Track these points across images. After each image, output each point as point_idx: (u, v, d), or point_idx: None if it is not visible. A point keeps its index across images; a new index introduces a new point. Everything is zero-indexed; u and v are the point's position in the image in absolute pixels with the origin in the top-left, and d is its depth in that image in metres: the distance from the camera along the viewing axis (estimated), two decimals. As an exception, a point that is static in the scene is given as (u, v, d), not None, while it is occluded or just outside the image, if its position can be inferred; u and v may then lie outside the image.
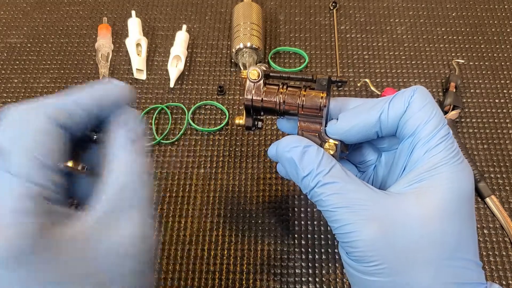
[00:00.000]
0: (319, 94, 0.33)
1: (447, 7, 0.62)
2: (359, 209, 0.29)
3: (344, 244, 0.30)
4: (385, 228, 0.28)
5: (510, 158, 0.49)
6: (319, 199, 0.30)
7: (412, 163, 0.30)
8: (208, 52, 0.58)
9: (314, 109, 0.33)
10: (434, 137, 0.29)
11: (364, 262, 0.28)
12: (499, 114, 0.52)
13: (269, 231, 0.45)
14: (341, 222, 0.29)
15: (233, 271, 0.43)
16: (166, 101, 0.54)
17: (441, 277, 0.28)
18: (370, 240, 0.28)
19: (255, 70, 0.34)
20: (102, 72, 0.55)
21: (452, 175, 0.29)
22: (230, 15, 0.61)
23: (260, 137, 0.51)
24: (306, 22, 0.61)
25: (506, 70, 0.56)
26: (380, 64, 0.57)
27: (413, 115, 0.30)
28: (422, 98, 0.30)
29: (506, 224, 0.45)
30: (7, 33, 0.60)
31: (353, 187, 0.29)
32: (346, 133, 0.32)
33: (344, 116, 0.33)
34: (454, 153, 0.29)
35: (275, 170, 0.49)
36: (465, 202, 0.29)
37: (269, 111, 0.35)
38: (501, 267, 0.43)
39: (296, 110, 0.33)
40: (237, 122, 0.36)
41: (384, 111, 0.31)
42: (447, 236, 0.28)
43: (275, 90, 0.34)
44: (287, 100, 0.34)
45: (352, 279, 0.31)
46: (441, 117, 0.30)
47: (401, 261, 0.28)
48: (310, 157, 0.31)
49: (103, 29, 0.58)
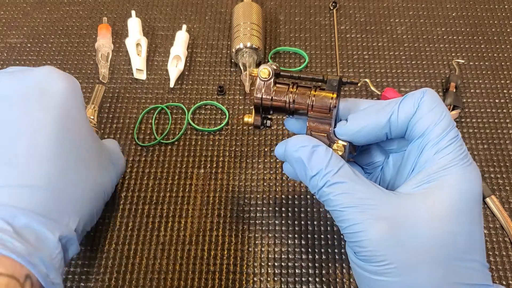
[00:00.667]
0: (329, 95, 0.33)
1: (447, 7, 0.62)
2: (368, 208, 0.29)
3: (352, 243, 0.30)
4: (394, 227, 0.28)
5: (510, 158, 0.49)
6: (327, 198, 0.30)
7: (421, 164, 0.30)
8: (208, 52, 0.58)
9: (324, 110, 0.33)
10: (444, 138, 0.29)
11: (372, 261, 0.28)
12: (499, 114, 0.52)
13: (269, 231, 0.45)
14: (350, 222, 0.29)
15: (233, 271, 0.43)
16: (166, 101, 0.54)
17: (450, 278, 0.28)
18: (379, 239, 0.28)
19: (266, 69, 0.34)
20: (102, 72, 0.55)
21: (461, 176, 0.29)
22: (230, 15, 0.61)
23: (260, 137, 0.51)
24: (306, 22, 0.61)
25: (506, 70, 0.56)
26: (380, 64, 0.57)
27: (423, 117, 0.30)
28: (431, 100, 0.30)
29: (506, 224, 0.45)
30: (7, 33, 0.60)
31: (361, 187, 0.29)
32: (356, 134, 0.32)
33: (353, 117, 0.33)
34: (463, 155, 0.30)
35: (275, 170, 0.49)
36: (474, 204, 0.29)
37: (278, 110, 0.35)
38: (501, 267, 0.43)
39: (306, 110, 0.33)
40: (245, 121, 0.36)
41: (394, 112, 0.31)
42: (456, 237, 0.28)
43: (285, 89, 0.34)
44: (297, 100, 0.33)
45: (359, 279, 0.31)
46: (451, 119, 0.30)
47: (410, 261, 0.28)
48: (319, 156, 0.31)
49: (103, 29, 0.58)
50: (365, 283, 0.30)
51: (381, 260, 0.28)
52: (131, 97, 0.54)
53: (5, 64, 0.57)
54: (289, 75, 0.35)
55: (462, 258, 0.28)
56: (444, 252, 0.28)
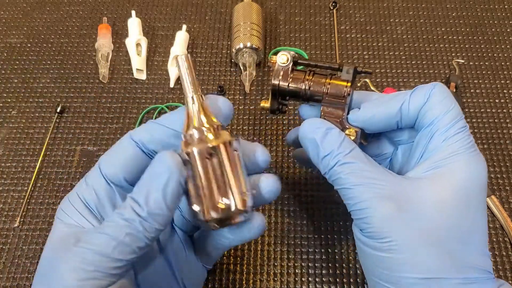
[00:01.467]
0: (344, 83, 0.34)
1: (447, 7, 0.62)
2: (376, 187, 0.30)
3: (359, 220, 0.31)
4: (400, 207, 0.29)
5: (510, 158, 0.49)
6: (338, 177, 0.31)
7: (430, 151, 0.31)
8: (208, 52, 0.58)
9: (338, 97, 0.34)
10: (453, 127, 0.31)
11: (377, 238, 0.29)
12: (499, 114, 0.52)
13: (269, 231, 0.45)
14: (357, 199, 0.30)
15: (233, 271, 0.43)
16: (166, 101, 0.54)
17: (454, 259, 0.28)
18: (384, 217, 0.29)
19: (284, 55, 0.35)
20: (102, 72, 0.55)
21: (468, 164, 0.30)
22: (230, 15, 0.61)
23: (260, 137, 0.51)
24: (306, 22, 0.61)
25: (506, 70, 0.56)
26: (380, 64, 0.57)
27: (433, 107, 0.31)
28: (441, 92, 0.32)
29: (506, 224, 0.45)
30: (7, 33, 0.60)
31: (371, 168, 0.31)
32: (368, 121, 0.34)
33: (366, 105, 0.34)
34: (470, 144, 0.31)
35: (275, 170, 0.49)
36: (479, 191, 0.30)
37: (294, 95, 0.36)
38: (501, 267, 0.43)
39: (321, 97, 0.35)
40: (262, 105, 0.38)
41: (405, 101, 0.32)
42: (461, 221, 0.29)
43: (302, 76, 0.35)
44: (313, 86, 0.35)
45: (364, 257, 0.32)
46: (459, 110, 0.32)
47: (413, 240, 0.29)
48: (333, 138, 0.32)
49: (103, 29, 0.58)
50: (370, 261, 0.31)
51: (385, 237, 0.29)
52: (131, 97, 0.54)
53: (5, 64, 0.57)
54: (306, 63, 0.36)
55: (466, 241, 0.29)
56: (449, 234, 0.29)
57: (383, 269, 0.30)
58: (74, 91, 0.55)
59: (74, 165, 0.49)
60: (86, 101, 0.54)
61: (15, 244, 0.44)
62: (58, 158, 0.50)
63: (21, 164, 0.49)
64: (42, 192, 0.48)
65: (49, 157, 0.50)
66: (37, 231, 0.45)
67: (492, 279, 0.29)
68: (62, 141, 0.51)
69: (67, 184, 0.48)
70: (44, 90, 0.55)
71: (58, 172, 0.49)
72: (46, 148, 0.50)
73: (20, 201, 0.47)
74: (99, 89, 0.55)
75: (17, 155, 0.50)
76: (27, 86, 0.55)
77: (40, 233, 0.45)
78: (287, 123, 0.52)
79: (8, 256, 0.44)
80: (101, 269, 0.25)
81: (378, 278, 0.31)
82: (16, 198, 0.47)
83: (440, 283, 0.28)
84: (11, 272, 0.43)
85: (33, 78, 0.56)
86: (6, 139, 0.51)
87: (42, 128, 0.52)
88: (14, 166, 0.49)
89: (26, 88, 0.55)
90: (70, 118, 0.53)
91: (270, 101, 0.37)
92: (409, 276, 0.28)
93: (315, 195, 0.47)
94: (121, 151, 0.30)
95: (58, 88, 0.55)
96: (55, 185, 0.48)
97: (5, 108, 0.54)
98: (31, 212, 0.46)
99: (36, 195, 0.47)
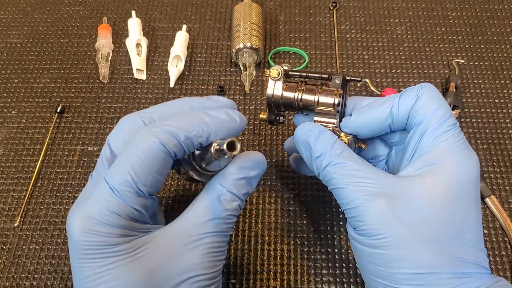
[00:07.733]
0: (333, 91, 0.35)
1: (447, 7, 0.62)
2: (368, 186, 0.30)
3: (352, 219, 0.31)
4: (392, 204, 0.29)
5: (510, 158, 0.49)
6: (330, 177, 0.32)
7: (421, 149, 0.32)
8: (208, 52, 0.58)
9: (329, 105, 0.35)
10: (443, 125, 0.31)
11: (370, 235, 0.30)
12: (499, 114, 0.53)
13: (269, 230, 0.45)
14: (349, 198, 0.30)
15: (233, 271, 0.43)
16: (166, 101, 0.54)
17: (446, 253, 0.29)
18: (377, 214, 0.29)
19: (275, 69, 0.36)
20: (102, 72, 0.55)
21: (459, 160, 0.30)
22: (230, 15, 0.61)
23: (260, 137, 0.51)
24: (306, 22, 0.61)
25: (506, 70, 0.56)
26: (380, 64, 0.57)
27: (422, 106, 0.32)
28: (430, 92, 0.32)
29: (506, 224, 0.45)
30: (7, 33, 0.60)
31: (362, 168, 0.31)
32: (360, 127, 0.34)
33: (357, 111, 0.35)
34: (461, 141, 0.31)
35: (275, 170, 0.49)
36: (471, 187, 0.31)
37: (288, 106, 0.37)
38: (501, 267, 0.43)
39: (313, 106, 0.36)
40: (261, 117, 0.39)
41: (395, 104, 0.33)
42: (453, 215, 0.29)
43: (294, 87, 0.37)
44: (304, 97, 0.36)
45: (358, 255, 0.32)
46: (448, 108, 0.32)
47: (407, 236, 0.29)
48: (325, 139, 0.33)
49: (103, 29, 0.58)
50: (364, 259, 0.31)
51: (379, 234, 0.29)
52: (131, 97, 0.54)
53: (5, 64, 0.57)
54: (298, 75, 0.37)
55: (458, 236, 0.29)
56: (441, 229, 0.29)
57: (377, 266, 0.30)
58: (74, 91, 0.55)
59: (74, 165, 0.49)
60: (86, 101, 0.54)
61: (15, 244, 0.44)
62: (58, 158, 0.50)
63: (21, 164, 0.49)
64: (42, 192, 0.48)
65: (49, 157, 0.50)
66: (37, 231, 0.45)
67: (488, 274, 0.29)
68: (62, 141, 0.51)
69: (67, 184, 0.48)
70: (44, 90, 0.55)
71: (58, 172, 0.49)
72: (46, 148, 0.50)
73: (20, 201, 0.47)
74: (99, 89, 0.55)
75: (17, 155, 0.50)
76: (27, 86, 0.55)
77: (40, 233, 0.45)
78: (287, 123, 0.52)
79: (8, 256, 0.44)
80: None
81: (373, 275, 0.31)
82: (16, 198, 0.47)
83: (433, 277, 0.28)
84: (11, 272, 0.43)
85: (33, 78, 0.56)
86: (6, 139, 0.51)
87: (42, 128, 0.52)
88: (14, 166, 0.49)
89: (26, 88, 0.55)
90: (70, 118, 0.53)
91: (268, 113, 0.39)
92: (403, 272, 0.29)
93: (315, 195, 0.47)
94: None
95: (58, 88, 0.55)
96: (55, 185, 0.48)
97: (5, 108, 0.54)
98: (31, 212, 0.46)
99: (36, 195, 0.47)
